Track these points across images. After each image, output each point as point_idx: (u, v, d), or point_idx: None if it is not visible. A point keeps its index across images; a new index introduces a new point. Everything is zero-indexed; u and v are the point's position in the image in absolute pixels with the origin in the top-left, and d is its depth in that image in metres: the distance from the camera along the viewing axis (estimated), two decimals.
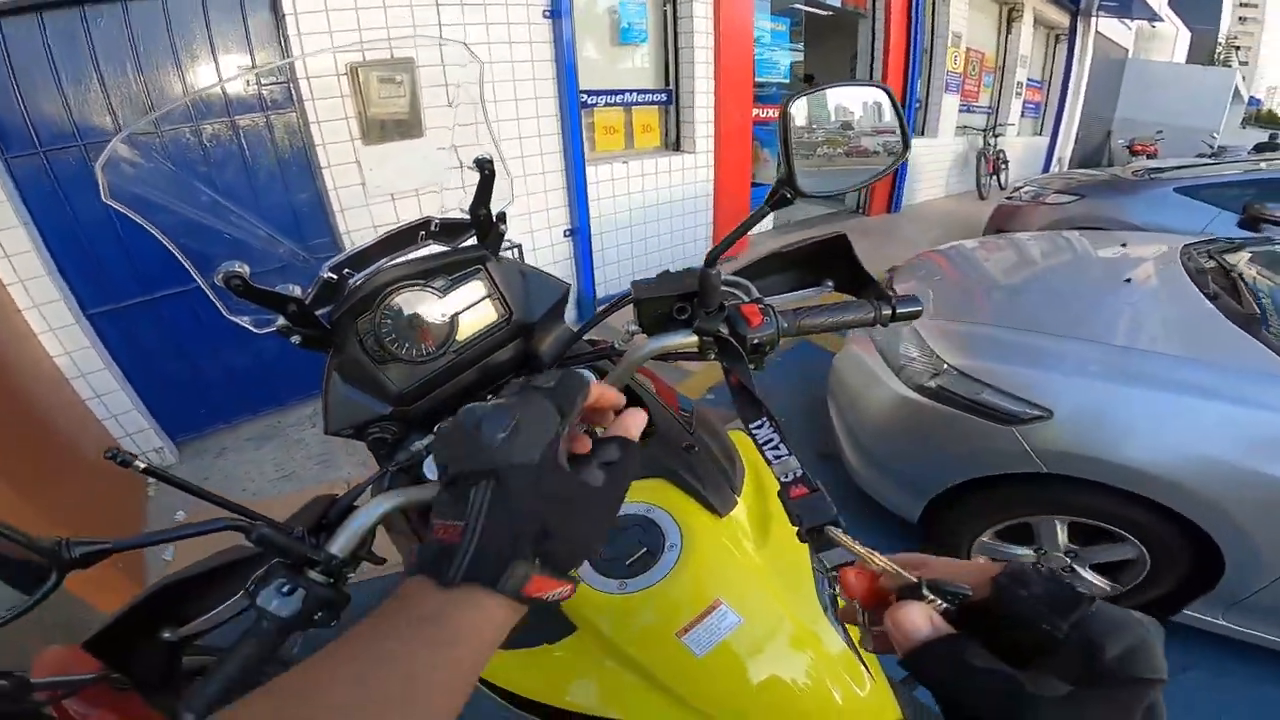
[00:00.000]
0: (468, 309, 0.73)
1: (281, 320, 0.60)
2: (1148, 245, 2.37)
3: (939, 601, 0.31)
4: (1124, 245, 2.43)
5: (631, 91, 3.62)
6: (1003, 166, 7.76)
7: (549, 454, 0.38)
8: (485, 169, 0.72)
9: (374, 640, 0.33)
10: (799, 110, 0.61)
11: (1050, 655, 0.27)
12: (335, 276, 0.66)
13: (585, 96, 3.32)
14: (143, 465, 0.47)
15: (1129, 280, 1.92)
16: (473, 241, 0.76)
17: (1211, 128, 12.62)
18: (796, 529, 0.41)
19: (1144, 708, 0.25)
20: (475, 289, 0.74)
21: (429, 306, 0.70)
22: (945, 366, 1.59)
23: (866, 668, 0.63)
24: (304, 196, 2.55)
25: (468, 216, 0.75)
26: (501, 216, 0.77)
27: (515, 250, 1.99)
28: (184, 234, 0.65)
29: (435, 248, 0.77)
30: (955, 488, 1.60)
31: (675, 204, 3.88)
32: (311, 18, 2.31)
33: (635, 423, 0.45)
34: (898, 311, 0.65)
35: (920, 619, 0.30)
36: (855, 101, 0.71)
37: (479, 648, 0.34)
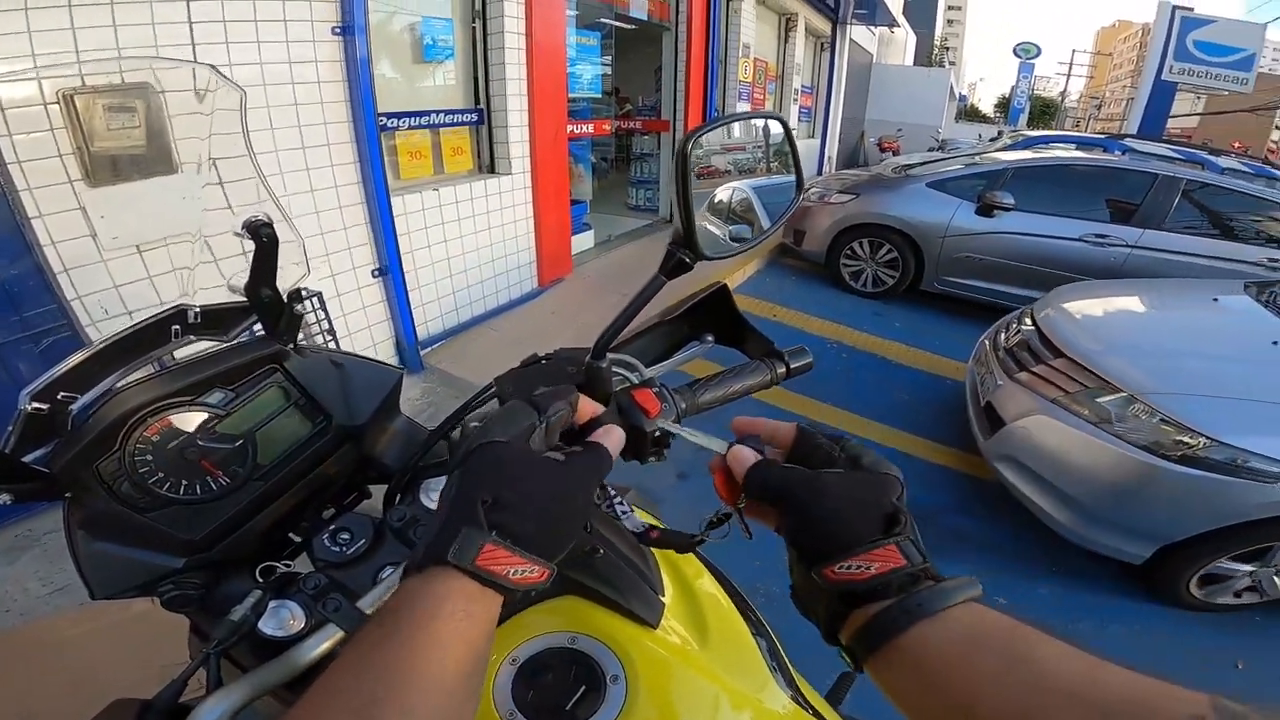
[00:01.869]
0: (267, 423, 0.58)
1: None
2: (1230, 295, 2.86)
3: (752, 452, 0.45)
4: (1216, 299, 2.85)
5: (438, 112, 3.32)
6: None
7: (521, 436, 0.40)
8: (263, 235, 0.55)
9: (353, 654, 0.32)
10: (698, 151, 0.53)
11: (830, 466, 0.43)
12: (45, 406, 0.49)
13: (385, 119, 2.98)
14: None
15: (1277, 343, 2.31)
16: (259, 330, 0.61)
17: (936, 124, 15.35)
18: (694, 545, 0.47)
19: (894, 492, 0.40)
20: (273, 397, 0.60)
21: (208, 430, 0.55)
22: (1205, 439, 1.90)
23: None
24: (6, 259, 1.95)
25: (242, 298, 0.59)
26: (296, 296, 0.61)
27: (314, 300, 1.72)
28: None
29: (199, 345, 0.61)
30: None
31: (494, 230, 3.68)
32: (8, 40, 1.76)
33: (612, 438, 0.45)
34: (791, 368, 0.64)
35: (747, 454, 0.45)
36: (748, 139, 0.67)
37: (449, 634, 0.32)
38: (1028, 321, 2.76)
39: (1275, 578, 2.08)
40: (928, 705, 0.34)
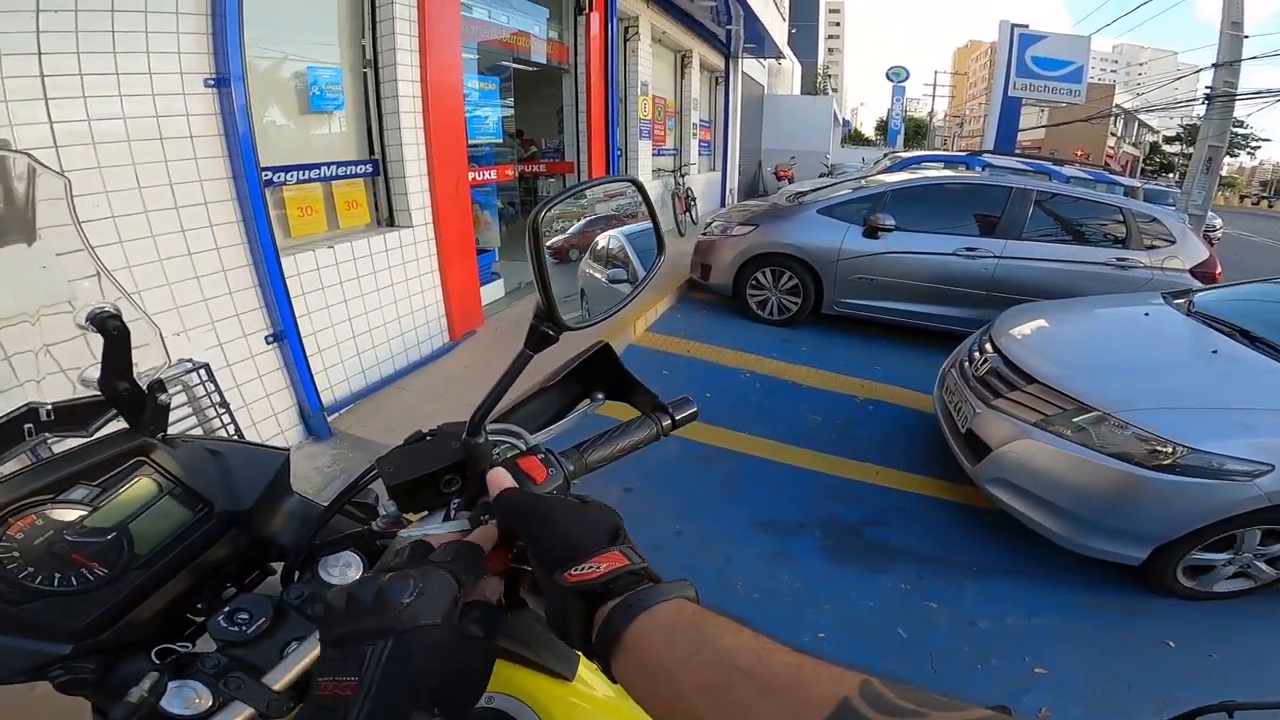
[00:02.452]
0: (140, 513, 0.57)
1: None
2: (1154, 306, 3.20)
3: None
4: (1147, 314, 3.12)
5: (329, 164, 3.18)
6: (692, 203, 8.67)
7: (450, 615, 0.41)
8: (110, 328, 0.53)
9: None
10: (550, 223, 0.53)
11: None
12: None
13: (270, 174, 2.82)
14: None
15: (1216, 351, 2.60)
16: (119, 424, 0.59)
17: (825, 149, 16.43)
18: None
19: (617, 517, 0.46)
20: (144, 488, 0.58)
21: (75, 526, 0.54)
22: (1181, 449, 2.13)
23: None
24: None
25: (97, 392, 0.57)
26: (158, 385, 0.58)
27: (201, 372, 1.57)
28: None
29: (55, 442, 0.59)
30: None
31: (398, 285, 3.55)
32: None
33: (484, 536, 0.49)
34: (677, 419, 0.66)
35: (504, 479, 0.51)
36: (604, 201, 0.67)
37: None
38: (988, 348, 2.95)
39: (1259, 563, 2.32)
40: (650, 694, 0.38)
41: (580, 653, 0.64)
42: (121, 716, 0.46)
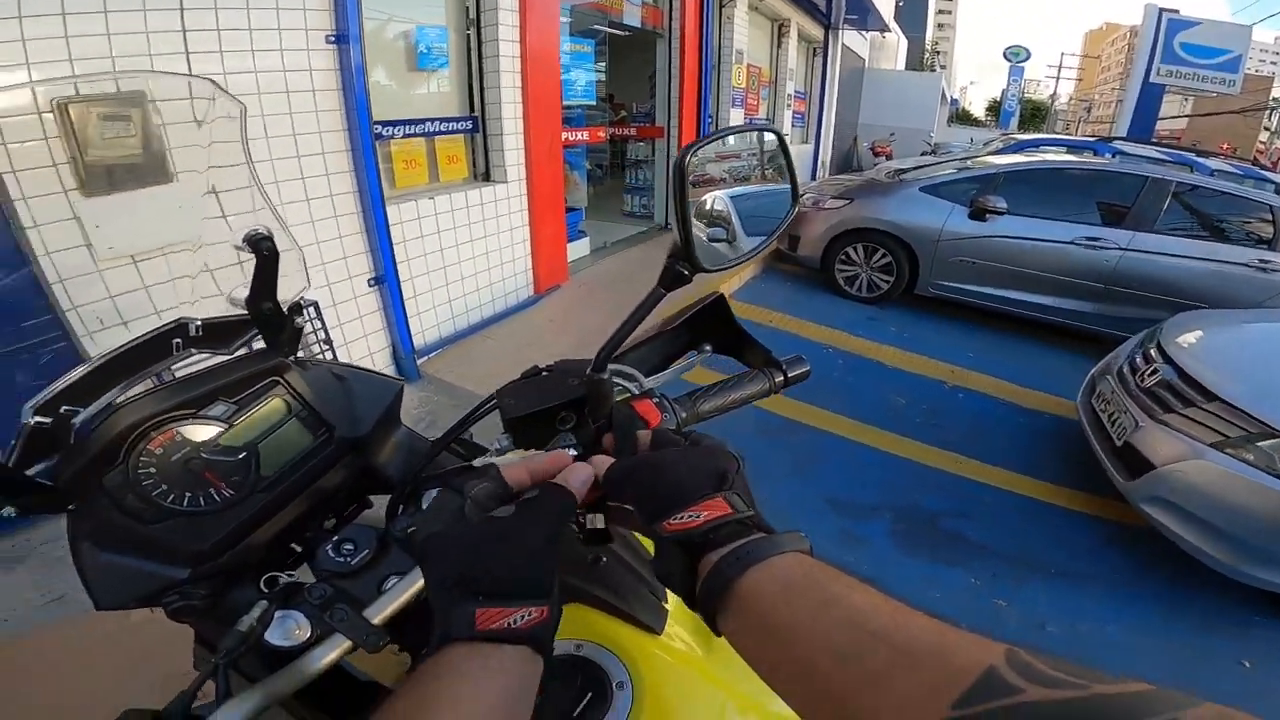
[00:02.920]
0: (269, 434, 0.59)
1: None
2: None
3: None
4: None
5: (433, 120, 3.33)
6: None
7: (453, 518, 0.43)
8: (263, 249, 0.56)
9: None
10: (695, 163, 0.53)
11: None
12: (48, 420, 0.49)
13: (380, 128, 2.98)
14: None
15: None
16: (259, 345, 0.61)
17: (929, 128, 15.42)
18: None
19: (727, 460, 0.44)
20: (275, 409, 0.60)
21: (211, 442, 0.56)
22: None
23: None
24: (1, 270, 1.95)
25: (243, 311, 0.60)
26: (297, 308, 0.61)
27: (310, 310, 1.71)
28: None
29: (201, 358, 0.61)
30: None
31: (490, 238, 3.69)
32: (2, 49, 1.75)
33: (575, 477, 0.46)
34: (789, 376, 0.64)
35: (601, 459, 0.49)
36: (744, 147, 0.67)
37: (471, 692, 0.34)
38: (1156, 357, 2.72)
39: None
40: (766, 655, 0.36)
41: (680, 607, 0.63)
42: (231, 645, 0.46)
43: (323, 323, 1.81)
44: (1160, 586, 2.36)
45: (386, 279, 3.04)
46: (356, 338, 3.04)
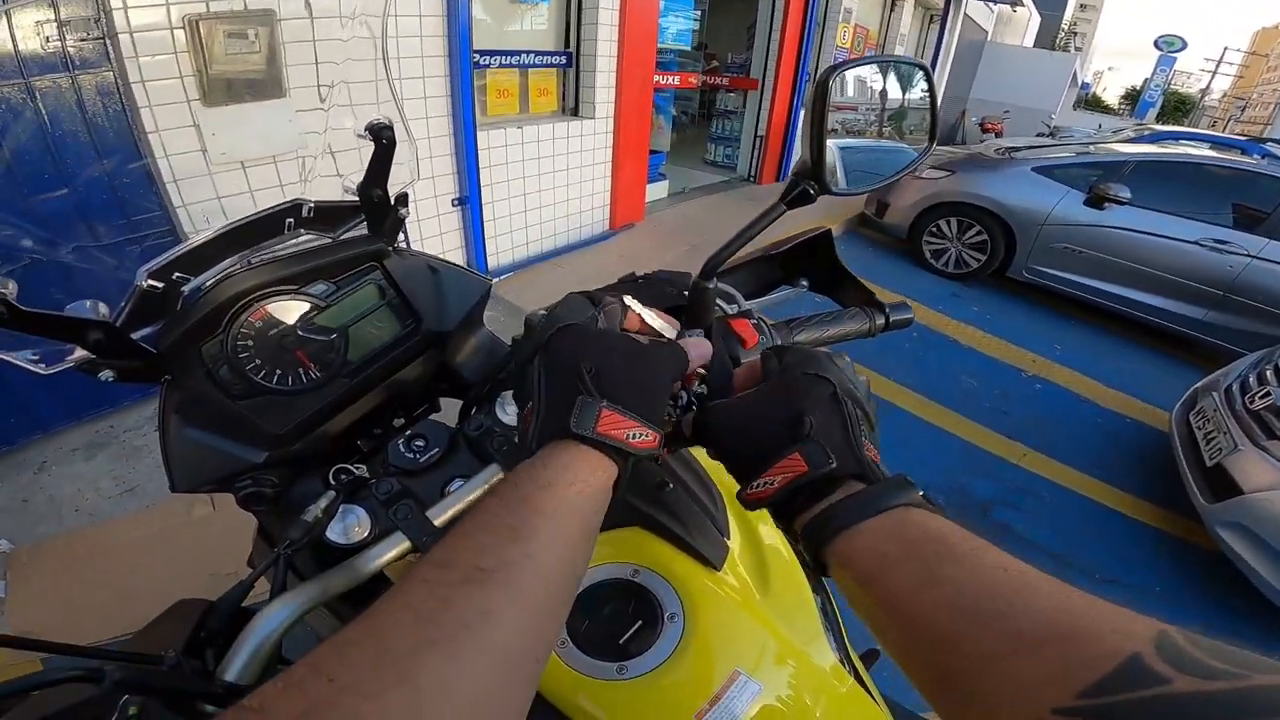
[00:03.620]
0: (360, 319, 0.60)
1: (80, 352, 0.43)
2: None
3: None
4: None
5: (528, 53, 3.37)
6: None
7: (591, 318, 0.43)
8: (383, 137, 0.56)
9: (482, 512, 0.32)
10: (838, 86, 0.52)
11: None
12: (160, 285, 0.49)
13: (478, 57, 3.05)
14: None
15: None
16: (362, 231, 0.62)
17: (1050, 109, 14.15)
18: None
19: (809, 389, 0.39)
20: (369, 294, 0.61)
21: (307, 321, 0.56)
22: None
23: (866, 689, 0.60)
24: (124, 166, 2.11)
25: (354, 198, 0.60)
26: (402, 199, 0.62)
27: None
28: None
29: (308, 239, 0.61)
30: None
31: (571, 171, 3.74)
32: None
33: (699, 349, 0.45)
34: (891, 320, 0.63)
35: (704, 347, 0.46)
36: (889, 79, 0.65)
37: (570, 500, 0.33)
38: (1270, 376, 2.52)
39: None
40: (871, 621, 0.33)
41: (741, 544, 0.62)
42: (296, 535, 0.45)
43: (406, 235, 1.92)
44: (1210, 613, 2.22)
45: (470, 201, 3.15)
46: (434, 253, 3.19)
